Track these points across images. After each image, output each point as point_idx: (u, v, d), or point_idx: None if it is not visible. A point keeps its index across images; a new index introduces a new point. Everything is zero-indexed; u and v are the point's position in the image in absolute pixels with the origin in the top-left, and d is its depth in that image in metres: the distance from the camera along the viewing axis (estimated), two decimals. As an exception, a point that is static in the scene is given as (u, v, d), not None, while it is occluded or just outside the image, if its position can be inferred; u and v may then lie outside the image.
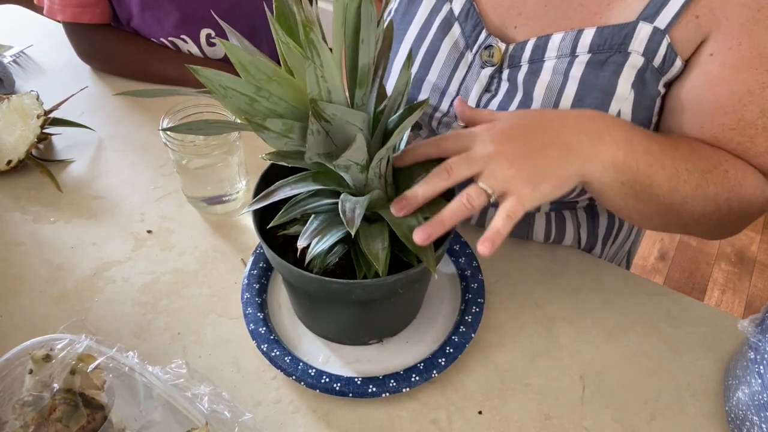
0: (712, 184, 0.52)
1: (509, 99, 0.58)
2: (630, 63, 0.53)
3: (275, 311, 0.59)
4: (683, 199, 0.51)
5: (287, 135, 0.39)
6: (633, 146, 0.48)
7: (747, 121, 0.52)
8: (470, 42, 0.60)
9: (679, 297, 0.62)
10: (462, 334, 0.55)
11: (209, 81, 0.36)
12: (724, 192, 0.53)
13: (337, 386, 0.51)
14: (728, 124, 0.53)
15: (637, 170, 0.48)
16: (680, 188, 0.51)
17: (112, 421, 0.45)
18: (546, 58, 0.56)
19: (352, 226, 0.40)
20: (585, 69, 0.54)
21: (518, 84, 0.58)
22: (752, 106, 0.51)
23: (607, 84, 0.54)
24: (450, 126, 0.64)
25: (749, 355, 0.49)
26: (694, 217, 0.53)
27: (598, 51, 0.53)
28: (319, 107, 0.36)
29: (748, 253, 1.84)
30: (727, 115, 0.52)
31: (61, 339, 0.46)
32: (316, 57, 0.34)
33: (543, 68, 0.56)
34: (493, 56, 0.58)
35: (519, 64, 0.57)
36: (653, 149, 0.49)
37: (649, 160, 0.48)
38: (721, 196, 0.53)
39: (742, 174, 0.54)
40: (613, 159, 0.47)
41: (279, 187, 0.46)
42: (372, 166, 0.42)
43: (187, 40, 0.94)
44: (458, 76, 0.61)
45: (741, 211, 0.54)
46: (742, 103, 0.51)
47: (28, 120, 0.75)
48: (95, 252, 0.66)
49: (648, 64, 0.53)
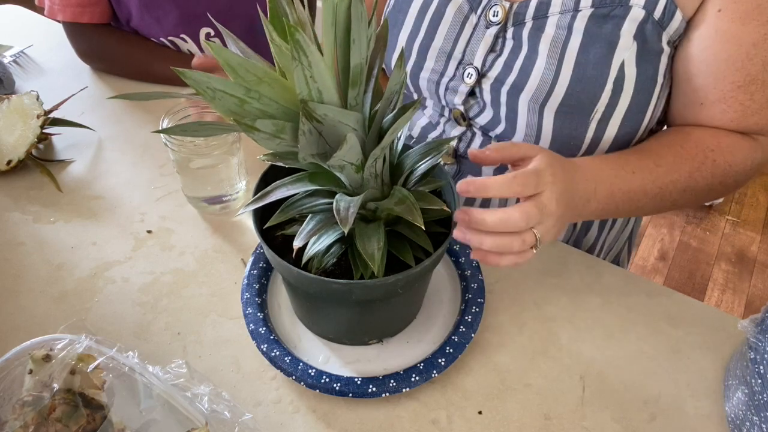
0: (702, 179, 0.57)
1: (514, 56, 0.59)
2: (631, 16, 0.54)
3: (275, 311, 0.59)
4: (672, 203, 0.58)
5: (278, 136, 0.39)
6: (613, 196, 0.54)
7: (751, 76, 0.53)
8: (474, 5, 0.61)
9: (679, 297, 0.62)
10: (462, 334, 0.55)
11: (197, 84, 0.36)
12: (716, 179, 0.57)
13: (337, 386, 0.51)
14: (737, 82, 0.54)
15: (615, 210, 0.56)
16: (666, 198, 0.57)
17: (112, 421, 0.45)
18: (550, 14, 0.57)
19: (346, 224, 0.40)
20: (588, 22, 0.55)
21: (523, 41, 0.59)
22: (756, 59, 0.52)
23: (610, 35, 0.55)
24: (456, 91, 0.65)
25: (749, 355, 0.49)
26: (687, 205, 0.59)
27: (600, 5, 0.55)
28: (309, 107, 0.36)
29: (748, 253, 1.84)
30: (737, 71, 0.54)
31: (61, 339, 0.46)
32: (303, 58, 0.34)
33: (547, 24, 0.57)
34: (498, 15, 0.59)
35: (523, 22, 0.59)
36: (634, 186, 0.54)
37: (629, 198, 0.55)
38: (714, 183, 0.57)
39: (730, 155, 0.57)
40: (593, 212, 0.55)
41: (276, 188, 0.46)
42: (367, 166, 0.42)
43: (186, 39, 0.94)
44: (464, 38, 0.63)
45: (736, 182, 0.59)
46: (748, 56, 0.53)
47: (28, 120, 0.75)
48: (95, 252, 0.66)
49: (648, 17, 0.54)
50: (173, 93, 0.42)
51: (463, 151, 0.70)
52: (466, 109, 0.66)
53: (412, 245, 0.49)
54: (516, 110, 0.61)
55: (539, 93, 0.58)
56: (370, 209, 0.47)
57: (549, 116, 0.59)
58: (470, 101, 0.66)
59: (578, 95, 0.57)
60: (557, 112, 0.59)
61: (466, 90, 0.64)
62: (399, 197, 0.45)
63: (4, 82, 0.89)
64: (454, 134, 0.69)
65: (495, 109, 0.63)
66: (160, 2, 0.90)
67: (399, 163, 0.50)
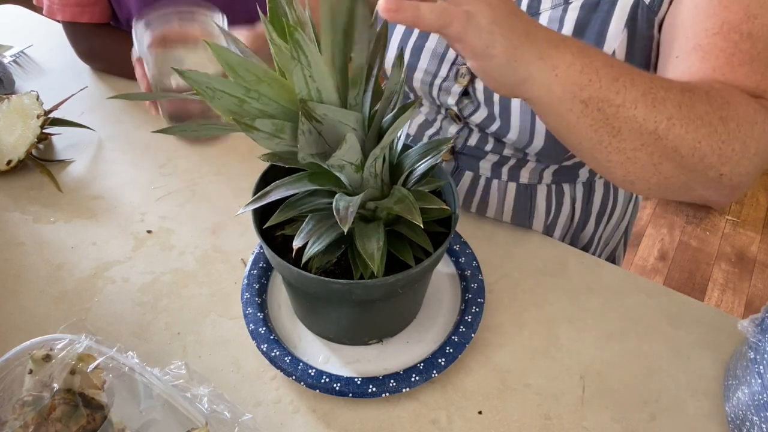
0: (698, 102, 0.44)
1: None
2: (621, 3, 0.54)
3: (275, 311, 0.59)
4: (668, 120, 0.42)
5: (278, 135, 0.39)
6: (591, 57, 0.42)
7: (730, 24, 0.48)
8: None
9: (679, 297, 0.62)
10: (462, 334, 0.55)
11: (196, 83, 0.36)
12: (714, 109, 0.44)
13: (337, 386, 0.51)
14: (711, 29, 0.49)
15: (600, 85, 0.41)
16: (659, 106, 0.42)
17: (112, 421, 0.45)
18: (542, 10, 0.57)
19: (346, 223, 0.40)
20: (579, 13, 0.55)
21: None
22: (735, 7, 0.48)
23: (601, 24, 0.54)
24: (450, 91, 0.65)
25: (749, 355, 0.49)
26: (688, 146, 0.43)
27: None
28: (309, 107, 0.36)
29: (748, 253, 1.84)
30: (710, 18, 0.49)
31: (61, 339, 0.46)
32: (302, 57, 0.34)
33: (539, 20, 0.57)
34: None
35: None
36: (616, 63, 0.43)
37: (613, 74, 0.42)
38: (713, 114, 0.44)
39: (726, 91, 0.46)
40: (568, 67, 0.41)
41: (275, 188, 0.46)
42: (367, 166, 0.42)
43: (186, 39, 0.94)
44: None
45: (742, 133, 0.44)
46: (722, 4, 0.48)
47: (28, 120, 0.75)
48: (95, 252, 0.66)
49: (639, 1, 0.53)
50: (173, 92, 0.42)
51: (460, 147, 0.71)
52: (460, 109, 0.66)
53: (412, 245, 0.49)
54: (509, 108, 0.61)
55: None
56: (370, 209, 0.47)
57: None
58: (464, 101, 0.66)
59: None
60: None
61: (459, 90, 0.64)
62: (398, 196, 0.45)
63: (4, 82, 0.89)
64: (451, 131, 0.69)
65: (489, 107, 0.63)
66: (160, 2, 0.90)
67: (398, 162, 0.50)
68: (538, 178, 0.69)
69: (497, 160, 0.68)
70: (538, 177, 0.68)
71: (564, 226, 0.72)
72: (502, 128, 0.64)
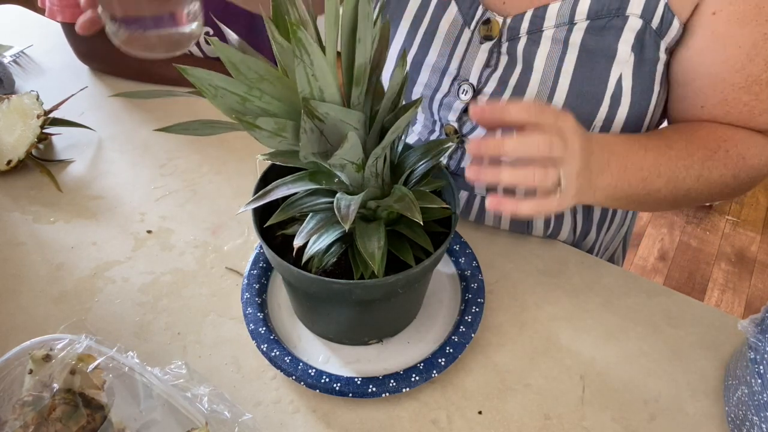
0: (715, 169, 0.54)
1: (509, 72, 0.58)
2: (629, 26, 0.53)
3: (275, 311, 0.59)
4: (686, 192, 0.55)
5: (280, 134, 0.39)
6: (627, 171, 0.51)
7: (754, 77, 0.52)
8: (468, 19, 0.59)
9: (679, 297, 0.62)
10: (462, 334, 0.55)
11: (199, 81, 0.36)
12: (729, 170, 0.55)
13: (337, 386, 0.51)
14: (738, 83, 0.53)
15: (629, 189, 0.52)
16: (680, 185, 0.54)
17: (112, 421, 0.45)
18: (545, 27, 0.56)
19: (347, 221, 0.40)
20: (584, 35, 0.54)
21: (517, 56, 0.58)
22: (758, 59, 0.51)
23: (608, 48, 0.54)
24: (451, 107, 0.64)
25: (749, 355, 0.49)
26: (702, 198, 0.57)
27: (596, 17, 0.54)
28: (311, 106, 0.36)
29: (748, 253, 1.84)
30: (737, 73, 0.52)
31: (61, 339, 0.46)
32: (305, 56, 0.34)
33: (542, 38, 0.56)
34: (492, 30, 0.58)
35: (518, 36, 0.57)
36: (647, 164, 0.52)
37: (643, 176, 0.52)
38: (727, 175, 0.55)
39: (744, 146, 0.55)
40: (606, 186, 0.51)
41: (276, 187, 0.46)
42: (368, 165, 0.42)
43: (186, 39, 0.94)
44: (458, 53, 0.61)
45: (750, 179, 0.57)
46: (749, 57, 0.51)
47: (28, 120, 0.75)
48: (95, 252, 0.66)
49: (647, 26, 0.53)
50: (174, 92, 0.42)
51: (454, 168, 0.69)
52: (459, 126, 0.65)
53: (413, 245, 0.49)
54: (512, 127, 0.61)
55: None
56: (371, 208, 0.47)
57: None
58: (464, 118, 0.64)
59: (575, 111, 0.55)
60: None
61: (461, 107, 0.63)
62: (399, 195, 0.45)
63: (4, 82, 0.89)
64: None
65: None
66: None
67: (399, 162, 0.50)
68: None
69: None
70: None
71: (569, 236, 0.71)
72: None
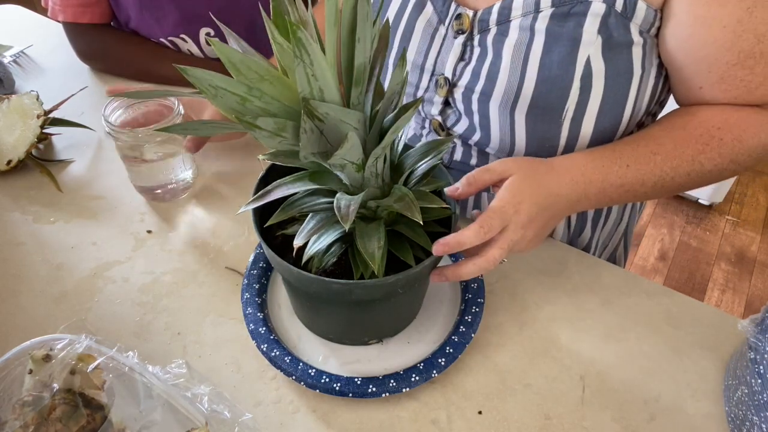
0: (707, 161, 0.55)
1: (481, 63, 0.59)
2: (592, 11, 0.54)
3: (275, 311, 0.59)
4: (679, 186, 0.57)
5: (280, 134, 0.39)
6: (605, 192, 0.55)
7: (746, 52, 0.52)
8: (442, 16, 0.61)
9: (679, 297, 0.62)
10: (462, 334, 0.55)
11: (199, 81, 0.36)
12: (726, 158, 0.55)
13: (337, 386, 0.51)
14: (731, 61, 0.53)
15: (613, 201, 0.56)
16: (668, 184, 0.56)
17: (112, 421, 0.45)
18: (512, 17, 0.57)
19: (347, 221, 0.40)
20: (549, 22, 0.55)
21: (488, 47, 0.59)
22: (746, 35, 0.51)
23: (573, 32, 0.55)
24: (432, 102, 0.65)
25: (749, 355, 0.49)
26: (700, 185, 0.58)
27: (560, 4, 0.55)
28: (311, 106, 0.36)
29: (748, 253, 1.84)
30: (728, 51, 0.53)
31: (61, 339, 0.46)
32: (305, 56, 0.34)
33: (510, 28, 0.57)
34: (463, 24, 0.59)
35: (488, 28, 0.58)
36: (628, 179, 0.55)
37: (625, 189, 0.55)
38: (723, 162, 0.56)
39: (739, 130, 0.55)
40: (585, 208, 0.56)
41: (276, 187, 0.46)
42: (368, 165, 0.42)
43: (186, 39, 0.94)
44: (434, 49, 0.63)
45: (753, 158, 0.57)
46: (736, 34, 0.52)
47: (28, 120, 0.75)
48: (95, 252, 0.66)
49: (610, 10, 0.53)
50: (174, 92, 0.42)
51: (447, 162, 0.71)
52: (443, 120, 0.66)
53: (412, 245, 0.49)
54: (488, 116, 0.61)
55: (507, 97, 0.58)
56: (371, 208, 0.47)
57: (521, 120, 0.59)
58: (447, 111, 0.66)
59: (546, 96, 0.57)
60: (528, 114, 0.58)
61: (441, 100, 0.64)
62: (398, 195, 0.45)
63: (4, 82, 0.89)
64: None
65: (469, 117, 0.63)
66: (160, 2, 0.90)
67: (399, 162, 0.50)
68: None
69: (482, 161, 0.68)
70: None
71: (563, 235, 0.72)
72: (483, 138, 0.64)
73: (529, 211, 0.50)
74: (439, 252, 0.46)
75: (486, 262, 0.49)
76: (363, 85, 0.41)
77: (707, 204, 1.99)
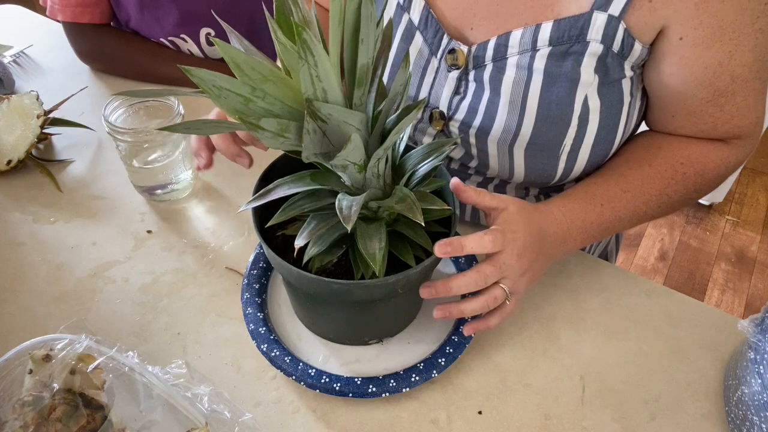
0: (674, 193, 0.59)
1: (478, 100, 0.59)
2: (590, 51, 0.54)
3: (275, 311, 0.59)
4: (651, 217, 0.60)
5: (283, 134, 0.39)
6: (587, 231, 0.57)
7: (720, 91, 0.54)
8: (434, 48, 0.60)
9: (679, 297, 0.62)
10: (462, 334, 0.55)
11: (202, 81, 0.36)
12: (689, 189, 0.59)
13: (337, 386, 0.51)
14: (705, 98, 0.55)
15: (595, 238, 0.58)
16: (642, 215, 0.59)
17: (112, 421, 0.45)
18: (509, 55, 0.57)
19: (348, 222, 0.40)
20: (547, 61, 0.55)
21: (485, 83, 0.59)
22: (724, 76, 0.53)
23: (571, 72, 0.55)
24: (425, 132, 0.65)
25: (749, 355, 0.49)
26: (669, 213, 0.61)
27: (558, 43, 0.54)
28: (314, 107, 0.36)
29: (748, 253, 1.84)
30: (705, 89, 0.55)
31: (61, 339, 0.46)
32: (309, 57, 0.34)
33: (507, 65, 0.57)
34: (458, 59, 0.59)
35: (483, 64, 0.58)
36: (605, 218, 0.57)
37: (604, 227, 0.58)
38: (688, 192, 0.60)
39: (700, 163, 0.59)
40: (570, 249, 0.58)
41: (276, 186, 0.46)
42: (370, 166, 0.42)
43: (187, 39, 0.94)
44: (427, 81, 0.62)
45: (713, 186, 0.61)
46: (715, 74, 0.53)
47: (28, 120, 0.75)
48: (95, 252, 0.66)
49: (608, 51, 0.54)
50: (175, 92, 0.42)
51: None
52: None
53: (413, 245, 0.49)
54: (486, 150, 0.61)
55: (506, 135, 0.58)
56: (372, 209, 0.47)
57: (519, 155, 0.60)
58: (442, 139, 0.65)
59: (545, 134, 0.57)
60: (526, 150, 0.59)
61: (434, 133, 0.64)
62: (400, 196, 0.45)
63: (4, 82, 0.89)
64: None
65: (466, 147, 0.63)
66: (160, 2, 0.90)
67: (401, 163, 0.50)
68: (525, 192, 0.68)
69: (481, 180, 0.68)
70: (524, 192, 0.68)
71: None
72: (481, 165, 0.64)
73: (524, 240, 0.51)
74: (440, 253, 0.46)
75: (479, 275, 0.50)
76: (366, 86, 0.41)
77: (707, 204, 1.99)
